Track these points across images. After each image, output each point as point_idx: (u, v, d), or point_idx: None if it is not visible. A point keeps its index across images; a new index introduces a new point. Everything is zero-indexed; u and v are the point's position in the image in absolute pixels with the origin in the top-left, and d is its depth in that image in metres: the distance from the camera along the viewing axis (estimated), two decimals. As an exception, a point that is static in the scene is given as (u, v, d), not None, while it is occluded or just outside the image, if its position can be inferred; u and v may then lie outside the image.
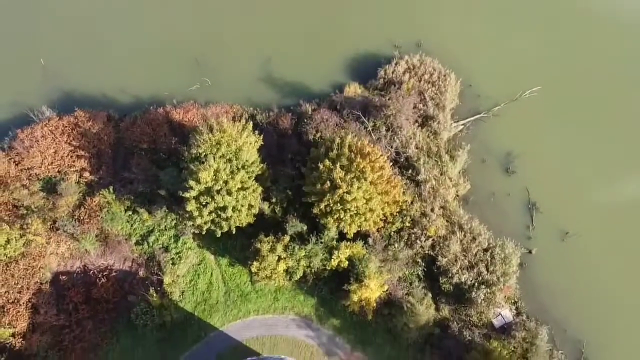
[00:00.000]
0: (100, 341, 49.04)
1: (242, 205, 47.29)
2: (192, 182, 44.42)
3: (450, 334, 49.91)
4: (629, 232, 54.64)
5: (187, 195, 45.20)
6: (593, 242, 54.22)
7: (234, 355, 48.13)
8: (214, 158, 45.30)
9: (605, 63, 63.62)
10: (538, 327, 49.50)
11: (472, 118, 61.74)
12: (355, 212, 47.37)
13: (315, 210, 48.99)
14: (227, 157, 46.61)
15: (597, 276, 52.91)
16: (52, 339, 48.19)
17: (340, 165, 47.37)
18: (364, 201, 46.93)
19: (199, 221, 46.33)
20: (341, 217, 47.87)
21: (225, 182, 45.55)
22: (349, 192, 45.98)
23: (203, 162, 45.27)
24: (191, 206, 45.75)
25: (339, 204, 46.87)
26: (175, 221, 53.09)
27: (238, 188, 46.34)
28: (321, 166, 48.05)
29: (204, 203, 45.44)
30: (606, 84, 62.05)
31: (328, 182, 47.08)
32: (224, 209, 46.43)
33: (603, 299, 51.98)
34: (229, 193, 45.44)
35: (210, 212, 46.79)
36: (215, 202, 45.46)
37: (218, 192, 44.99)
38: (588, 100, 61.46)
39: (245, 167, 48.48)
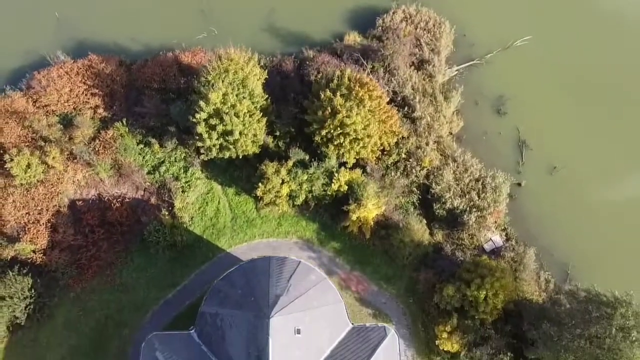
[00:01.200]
0: (115, 260, 52.21)
1: (248, 131, 50.50)
2: (202, 103, 47.63)
3: (443, 255, 53.12)
4: (610, 164, 58.19)
5: (197, 117, 48.42)
6: (578, 175, 57.69)
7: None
8: (222, 82, 48.49)
9: (592, 17, 67.15)
10: (526, 249, 52.70)
11: (465, 64, 64.96)
12: (354, 137, 50.55)
13: (317, 138, 52.24)
14: (235, 84, 49.76)
15: (582, 205, 56.31)
16: (70, 257, 51.37)
17: (340, 94, 50.60)
18: (362, 126, 50.12)
19: (208, 143, 49.54)
20: (341, 143, 51.05)
21: (233, 106, 48.70)
22: (348, 117, 49.18)
23: (213, 87, 48.43)
24: (201, 128, 48.97)
25: (338, 129, 50.06)
26: (184, 154, 56.17)
27: (244, 113, 49.48)
28: (322, 95, 51.27)
29: (212, 124, 48.66)
30: (591, 36, 65.52)
31: (329, 108, 50.30)
32: (231, 132, 49.64)
33: (587, 226, 55.35)
34: (237, 115, 48.60)
35: (218, 136, 50.06)
36: (223, 124, 48.67)
37: (226, 113, 48.12)
38: (574, 48, 64.77)
39: (251, 97, 51.66)
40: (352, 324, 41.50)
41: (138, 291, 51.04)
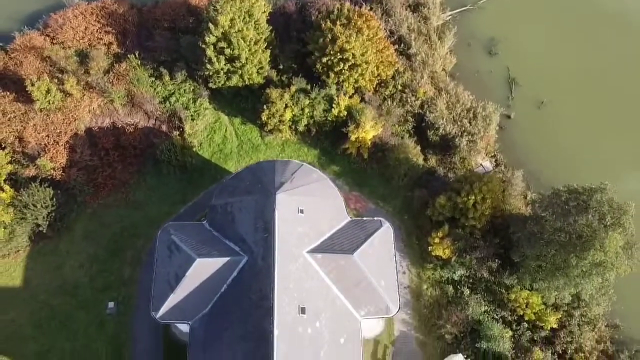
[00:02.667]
0: (129, 179, 55.73)
1: (254, 57, 54.09)
2: (211, 26, 51.22)
3: (437, 177, 56.72)
4: (593, 99, 61.91)
5: (206, 40, 52.02)
6: (564, 109, 61.33)
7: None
8: (230, 8, 52.04)
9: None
10: (514, 171, 56.24)
11: (458, 10, 68.62)
12: (353, 63, 54.13)
13: (318, 67, 55.84)
14: (242, 12, 53.30)
15: (567, 135, 60.01)
16: (87, 177, 54.85)
17: (340, 24, 54.21)
18: (361, 52, 53.72)
19: (216, 66, 53.18)
20: (341, 70, 54.62)
21: (240, 31, 52.23)
22: (347, 42, 52.75)
23: (221, 12, 52.02)
24: (210, 52, 52.57)
25: (338, 54, 53.64)
26: (193, 87, 59.59)
27: (250, 38, 53.04)
28: (323, 25, 54.86)
29: (221, 48, 52.25)
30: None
31: (329, 36, 53.89)
32: (238, 57, 53.25)
33: (571, 154, 59.05)
34: (244, 39, 52.15)
35: (226, 62, 53.70)
36: (231, 49, 52.25)
37: (234, 37, 51.67)
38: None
39: (257, 27, 55.19)
40: (350, 217, 45.07)
41: (151, 207, 54.53)
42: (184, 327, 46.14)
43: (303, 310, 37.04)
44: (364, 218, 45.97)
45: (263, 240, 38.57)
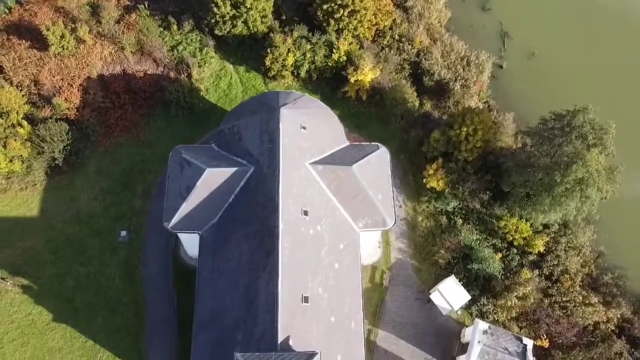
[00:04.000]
0: (139, 120, 58.60)
1: (258, 3, 57.04)
2: (217, -33, 54.33)
3: (431, 119, 59.64)
4: (582, 50, 64.81)
5: (213, -17, 55.18)
6: (554, 59, 64.23)
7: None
8: (236, -47, 55.12)
9: None
10: (505, 114, 59.15)
11: (454, -32, 71.53)
12: (352, 8, 57.06)
13: (319, 14, 58.82)
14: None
15: (557, 84, 62.82)
16: (99, 118, 57.83)
17: (339, -28, 57.26)
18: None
19: (222, 10, 56.15)
20: (340, 16, 57.53)
21: (244, -26, 55.35)
22: (347, -13, 55.85)
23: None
24: (216, -6, 55.74)
25: (338, 0, 56.59)
26: (199, 37, 62.52)
27: (254, -15, 56.11)
28: (324, -27, 57.95)
29: (226, -9, 55.47)
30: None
31: (330, -17, 56.96)
32: (243, 2, 56.23)
33: (560, 101, 61.18)
34: (249, -17, 55.30)
35: (231, 6, 56.71)
36: (236, -10, 55.48)
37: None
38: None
39: (260, -27, 58.21)
40: (349, 142, 48.02)
41: (160, 146, 57.31)
42: (192, 252, 49.23)
43: (305, 213, 39.91)
44: (362, 143, 48.82)
45: (268, 151, 41.46)
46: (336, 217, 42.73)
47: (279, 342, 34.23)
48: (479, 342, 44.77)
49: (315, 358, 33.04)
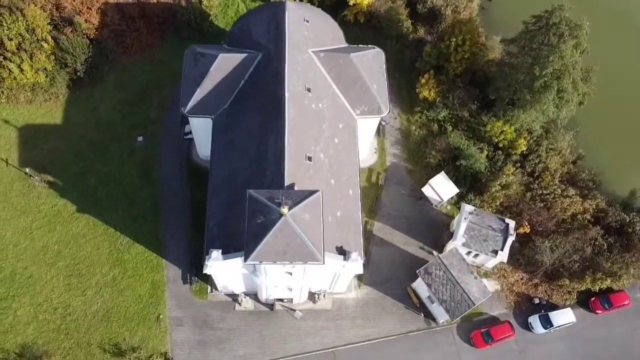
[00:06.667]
0: (153, 42, 63.31)
1: None
2: None
3: (424, 42, 64.16)
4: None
5: None
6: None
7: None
8: None
9: None
10: (494, 36, 63.64)
11: None
12: (351, -63, 61.78)
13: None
14: None
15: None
16: (116, 39, 62.49)
17: None
18: None
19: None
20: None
21: None
22: None
23: None
24: None
25: None
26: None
27: None
28: None
29: None
30: None
31: None
32: None
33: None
34: None
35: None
36: None
37: None
38: None
39: None
40: (347, 44, 52.53)
41: (173, 65, 61.62)
42: (204, 153, 53.67)
43: (309, 90, 44.39)
44: (360, 45, 53.26)
45: (275, 37, 45.95)
46: (336, 102, 47.26)
47: (285, 185, 38.76)
48: (465, 219, 49.31)
49: (317, 194, 37.41)
